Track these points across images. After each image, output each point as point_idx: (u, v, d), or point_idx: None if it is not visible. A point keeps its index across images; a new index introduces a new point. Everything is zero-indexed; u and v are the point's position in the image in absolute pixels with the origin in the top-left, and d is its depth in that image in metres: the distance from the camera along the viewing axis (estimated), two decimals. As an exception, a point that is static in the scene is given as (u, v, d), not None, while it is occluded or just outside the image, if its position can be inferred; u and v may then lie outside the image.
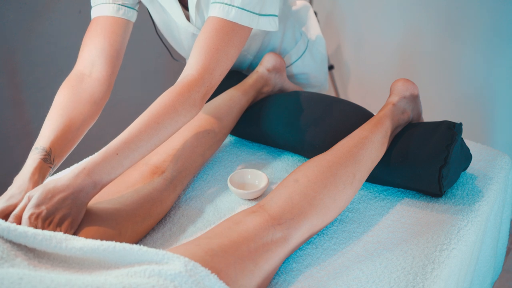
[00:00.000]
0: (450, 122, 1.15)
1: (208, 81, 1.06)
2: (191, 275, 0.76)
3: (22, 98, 1.82)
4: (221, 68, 1.08)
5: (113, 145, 0.95)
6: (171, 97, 1.02)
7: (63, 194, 0.89)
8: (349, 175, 1.04)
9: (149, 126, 0.98)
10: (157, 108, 1.00)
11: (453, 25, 2.11)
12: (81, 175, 0.91)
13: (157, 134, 0.98)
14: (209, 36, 1.07)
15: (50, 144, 1.03)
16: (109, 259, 0.78)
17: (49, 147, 1.03)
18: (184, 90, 1.03)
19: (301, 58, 1.54)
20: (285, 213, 0.95)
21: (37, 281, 0.71)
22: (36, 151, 1.02)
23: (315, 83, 1.63)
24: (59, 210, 0.88)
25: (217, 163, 1.31)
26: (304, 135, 1.27)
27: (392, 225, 1.08)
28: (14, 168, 1.88)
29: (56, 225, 0.88)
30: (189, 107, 1.03)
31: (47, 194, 0.88)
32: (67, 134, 1.07)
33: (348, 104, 1.30)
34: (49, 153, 1.02)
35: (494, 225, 1.24)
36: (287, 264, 0.97)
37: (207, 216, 1.12)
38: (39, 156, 1.01)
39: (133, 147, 0.96)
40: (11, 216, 0.87)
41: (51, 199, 0.88)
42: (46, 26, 1.80)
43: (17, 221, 0.87)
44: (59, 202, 0.88)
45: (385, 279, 0.93)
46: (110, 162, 0.93)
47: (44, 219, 0.87)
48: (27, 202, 0.88)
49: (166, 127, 1.00)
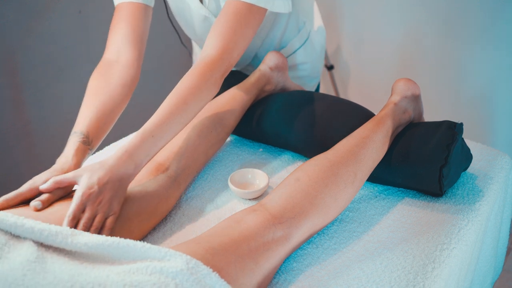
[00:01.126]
0: (451, 122, 1.15)
1: (227, 61, 1.13)
2: (192, 273, 0.76)
3: (22, 98, 1.82)
4: (239, 49, 1.15)
5: (147, 128, 1.01)
6: (194, 78, 1.09)
7: (110, 175, 0.95)
8: (350, 174, 1.04)
9: (177, 107, 1.05)
10: (182, 89, 1.07)
11: (453, 25, 2.11)
12: (124, 157, 0.98)
13: (185, 114, 1.06)
14: (228, 18, 1.14)
15: (87, 128, 1.09)
16: (113, 255, 0.79)
17: (87, 131, 1.09)
18: (205, 70, 1.10)
19: (303, 47, 1.56)
20: (286, 212, 0.95)
21: (41, 278, 0.72)
22: (75, 135, 1.08)
23: (314, 73, 1.65)
24: (107, 190, 0.94)
25: (217, 162, 1.31)
26: (305, 135, 1.27)
27: (392, 225, 1.08)
28: (14, 168, 1.88)
29: (105, 205, 0.94)
30: (211, 86, 1.10)
31: (95, 175, 0.94)
32: (102, 118, 1.13)
33: (349, 103, 1.30)
34: (87, 136, 1.08)
35: (494, 225, 1.24)
36: (287, 263, 0.97)
37: (207, 215, 1.12)
38: (78, 139, 1.07)
39: (165, 129, 1.03)
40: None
41: (99, 181, 0.94)
42: (46, 26, 1.80)
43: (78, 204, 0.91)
44: (107, 183, 0.94)
45: (385, 278, 0.93)
46: (147, 144, 1.00)
47: (94, 199, 0.93)
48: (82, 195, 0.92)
49: (193, 107, 1.07)
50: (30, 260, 0.75)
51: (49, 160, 1.96)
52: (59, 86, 1.92)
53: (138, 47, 1.24)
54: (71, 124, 2.07)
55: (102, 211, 0.93)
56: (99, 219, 0.93)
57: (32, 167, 1.93)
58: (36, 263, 0.75)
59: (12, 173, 1.87)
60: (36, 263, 0.75)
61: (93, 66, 2.02)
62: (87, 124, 1.10)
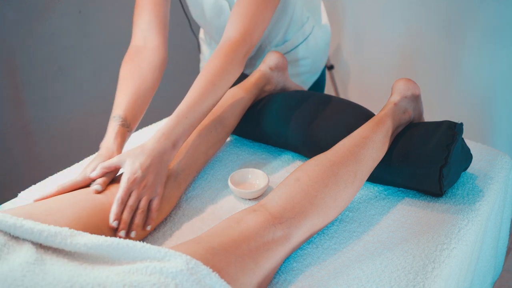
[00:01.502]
0: (451, 122, 1.15)
1: (249, 42, 1.20)
2: (192, 273, 0.76)
3: (22, 98, 1.82)
4: (259, 30, 1.22)
5: (181, 110, 1.09)
6: (220, 60, 1.15)
7: (151, 158, 1.02)
8: (350, 174, 1.04)
9: (207, 89, 1.12)
10: (210, 72, 1.14)
11: (453, 25, 2.11)
12: (162, 139, 1.05)
13: (214, 94, 1.13)
14: (247, 2, 1.20)
15: (124, 111, 1.16)
16: (112, 255, 0.79)
17: (124, 114, 1.16)
18: (229, 51, 1.16)
19: (305, 42, 1.58)
20: (286, 212, 0.95)
21: (40, 278, 0.72)
22: (114, 119, 1.15)
23: (314, 69, 1.66)
24: (150, 174, 1.02)
25: (217, 162, 1.31)
26: (305, 135, 1.27)
27: (392, 225, 1.08)
28: (14, 168, 1.88)
29: (149, 188, 1.01)
30: (236, 66, 1.17)
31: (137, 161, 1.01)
32: (137, 101, 1.20)
33: (349, 103, 1.30)
34: (125, 119, 1.16)
35: (494, 225, 1.24)
36: (287, 263, 0.97)
37: (207, 215, 1.12)
38: (117, 123, 1.14)
39: (198, 109, 1.10)
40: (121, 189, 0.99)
41: (141, 165, 1.01)
42: (46, 26, 1.80)
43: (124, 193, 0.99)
44: (149, 167, 1.02)
45: (385, 278, 0.93)
46: (183, 125, 1.08)
47: (139, 184, 1.00)
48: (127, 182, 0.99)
49: (220, 87, 1.14)
50: (29, 262, 0.75)
51: (49, 160, 1.96)
52: (59, 86, 1.92)
53: (163, 32, 1.30)
54: (71, 124, 2.08)
55: (147, 194, 1.01)
56: (144, 202, 1.00)
57: (32, 167, 1.93)
58: (35, 265, 0.75)
59: (12, 173, 1.87)
60: (35, 265, 0.75)
61: (93, 66, 2.02)
62: (124, 108, 1.17)
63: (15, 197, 1.16)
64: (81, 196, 0.97)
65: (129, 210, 0.98)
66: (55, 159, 1.98)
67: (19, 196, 1.16)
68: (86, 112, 2.05)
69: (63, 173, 1.25)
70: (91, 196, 0.97)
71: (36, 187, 1.19)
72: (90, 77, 2.02)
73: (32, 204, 0.93)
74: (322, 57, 1.68)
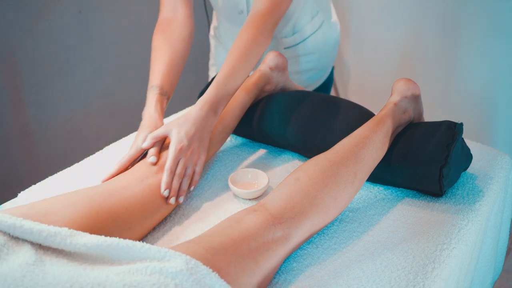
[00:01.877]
0: (451, 122, 1.15)
1: (277, 14, 1.27)
2: (192, 273, 0.76)
3: (22, 98, 1.82)
4: (286, 3, 1.29)
5: (220, 80, 1.17)
6: (251, 32, 1.23)
7: (195, 126, 1.11)
8: (350, 174, 1.04)
9: (240, 59, 1.20)
10: (242, 43, 1.22)
11: (453, 25, 2.11)
12: (205, 107, 1.14)
13: (248, 65, 1.21)
14: None
15: (161, 81, 1.25)
16: (112, 255, 0.79)
17: (161, 84, 1.24)
18: (259, 23, 1.24)
19: (314, 35, 1.61)
20: (286, 212, 0.95)
21: (40, 278, 0.72)
22: (153, 89, 1.23)
23: (322, 65, 1.67)
24: (195, 142, 1.11)
25: (217, 162, 1.31)
26: (305, 135, 1.27)
27: (392, 225, 1.08)
28: (14, 168, 1.88)
29: (194, 155, 1.11)
30: (266, 36, 1.25)
31: (182, 130, 1.10)
32: (171, 70, 1.28)
33: (349, 103, 1.30)
34: (162, 87, 1.24)
35: (494, 225, 1.24)
36: (287, 263, 0.97)
37: (207, 215, 1.11)
38: (156, 92, 1.23)
39: (234, 78, 1.18)
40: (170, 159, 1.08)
41: (187, 134, 1.10)
42: (46, 26, 1.80)
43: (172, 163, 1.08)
44: (194, 135, 1.11)
45: (385, 278, 0.93)
46: (222, 93, 1.16)
47: (186, 152, 1.09)
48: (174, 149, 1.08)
49: (252, 57, 1.22)
50: (29, 263, 0.75)
51: (49, 160, 1.96)
52: (59, 86, 1.92)
53: (189, 5, 1.39)
54: (71, 124, 2.08)
55: (192, 161, 1.11)
56: (191, 169, 1.10)
57: (31, 167, 1.93)
58: (34, 266, 0.75)
59: (11, 173, 1.87)
60: (35, 265, 0.75)
61: (93, 66, 2.02)
62: (161, 77, 1.25)
63: (15, 197, 1.16)
64: (77, 197, 0.96)
65: (178, 179, 1.08)
66: (55, 159, 1.98)
67: (19, 196, 1.16)
68: (86, 112, 2.05)
69: (63, 173, 1.25)
70: (87, 198, 0.97)
71: (36, 187, 1.19)
72: (90, 77, 2.02)
73: (29, 205, 0.92)
74: (330, 54, 1.69)
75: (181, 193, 1.09)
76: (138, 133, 1.16)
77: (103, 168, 1.26)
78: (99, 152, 1.35)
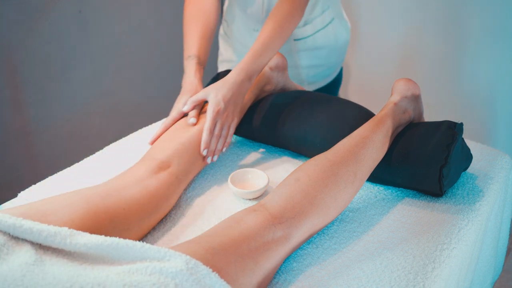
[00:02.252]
0: (451, 122, 1.15)
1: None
2: (192, 273, 0.76)
3: (22, 98, 1.82)
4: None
5: (256, 50, 1.26)
6: (286, 7, 1.30)
7: (232, 91, 1.21)
8: (350, 174, 1.04)
9: (276, 31, 1.28)
10: (278, 16, 1.30)
11: (453, 25, 2.11)
12: (242, 73, 1.23)
13: (282, 36, 1.29)
14: None
15: (197, 51, 1.34)
16: (112, 255, 0.78)
17: (198, 53, 1.34)
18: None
19: (324, 30, 1.62)
20: (286, 212, 0.95)
21: (40, 278, 0.72)
22: (191, 58, 1.33)
23: (330, 63, 1.68)
24: (230, 105, 1.21)
25: (217, 162, 1.31)
26: (305, 135, 1.27)
27: (392, 225, 1.08)
28: (14, 168, 1.88)
29: (229, 117, 1.22)
30: (299, 11, 1.33)
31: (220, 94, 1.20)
32: (204, 40, 1.37)
33: (349, 103, 1.30)
34: (198, 57, 1.34)
35: (494, 225, 1.24)
36: (287, 263, 0.97)
37: (207, 215, 1.11)
38: (194, 61, 1.32)
39: (269, 48, 1.27)
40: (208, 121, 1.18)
41: (224, 98, 1.20)
42: (46, 26, 1.80)
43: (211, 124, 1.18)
44: (230, 99, 1.21)
45: (385, 278, 0.93)
46: (257, 62, 1.25)
47: (222, 114, 1.20)
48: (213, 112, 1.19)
49: (287, 31, 1.30)
50: (29, 263, 0.75)
51: (49, 160, 1.96)
52: (59, 86, 1.92)
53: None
54: (71, 124, 2.07)
55: (227, 122, 1.22)
56: (226, 130, 1.22)
57: (32, 167, 1.93)
58: (34, 266, 0.74)
59: (12, 173, 1.87)
60: (35, 265, 0.75)
61: (93, 66, 2.02)
62: (197, 47, 1.34)
63: (15, 197, 1.16)
64: (75, 197, 0.96)
65: (215, 139, 1.20)
66: (55, 159, 1.98)
67: (19, 196, 1.16)
68: (86, 112, 2.05)
69: (63, 173, 1.25)
70: (85, 198, 0.96)
71: (36, 187, 1.19)
72: (90, 77, 2.02)
73: (27, 205, 0.92)
74: (339, 53, 1.70)
75: (216, 152, 1.21)
76: (179, 97, 1.27)
77: (103, 168, 1.26)
78: (99, 152, 1.35)
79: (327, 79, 1.73)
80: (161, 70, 2.30)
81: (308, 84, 1.71)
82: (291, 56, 1.63)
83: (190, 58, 1.33)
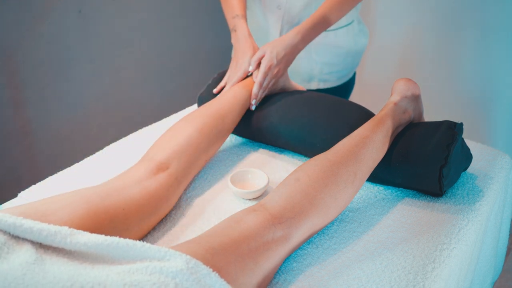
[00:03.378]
0: (451, 122, 1.15)
1: None
2: (192, 273, 0.76)
3: (22, 98, 1.82)
4: None
5: (315, 17, 1.38)
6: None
7: (286, 50, 1.34)
8: (350, 174, 1.04)
9: (338, 3, 1.39)
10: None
11: (453, 25, 2.11)
12: (298, 36, 1.36)
13: (343, 10, 1.41)
14: None
15: (243, 11, 1.46)
16: (112, 254, 0.78)
17: (243, 13, 1.45)
18: None
19: (346, 28, 1.62)
20: (286, 212, 0.95)
21: (40, 277, 0.72)
22: (238, 18, 1.45)
23: (345, 64, 1.68)
24: (282, 63, 1.35)
25: (217, 162, 1.31)
26: (305, 135, 1.27)
27: (392, 225, 1.08)
28: (14, 168, 1.88)
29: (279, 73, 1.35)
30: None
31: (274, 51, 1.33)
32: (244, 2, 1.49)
33: (349, 103, 1.30)
34: (244, 16, 1.45)
35: (494, 225, 1.24)
36: (287, 263, 0.97)
37: (207, 215, 1.11)
38: (243, 20, 1.44)
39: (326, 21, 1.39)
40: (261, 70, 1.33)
41: (277, 55, 1.33)
42: (46, 26, 1.80)
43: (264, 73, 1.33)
44: (283, 57, 1.34)
45: (385, 278, 0.93)
46: (313, 29, 1.37)
47: (273, 70, 1.33)
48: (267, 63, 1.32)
49: (348, 6, 1.41)
50: (29, 262, 0.75)
51: (49, 160, 1.96)
52: (59, 86, 1.92)
53: None
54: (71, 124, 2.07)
55: (276, 77, 1.36)
56: (272, 84, 1.36)
57: (32, 167, 1.93)
58: (35, 265, 0.75)
59: (12, 173, 1.87)
60: (35, 264, 0.75)
61: (93, 66, 2.02)
62: (241, 8, 1.46)
63: (15, 197, 1.16)
64: (75, 197, 0.96)
65: (263, 91, 1.34)
66: (55, 159, 1.98)
67: (19, 196, 1.16)
68: (86, 112, 2.05)
69: (63, 173, 1.25)
70: (85, 198, 0.96)
71: (36, 187, 1.19)
72: (90, 77, 2.02)
73: (27, 205, 0.91)
74: (356, 56, 1.70)
75: (258, 100, 1.35)
76: (240, 56, 1.39)
77: (103, 168, 1.26)
78: (99, 152, 1.35)
79: (339, 80, 1.71)
80: (161, 70, 2.30)
81: (318, 82, 1.69)
82: (308, 49, 1.62)
83: (238, 17, 1.43)
